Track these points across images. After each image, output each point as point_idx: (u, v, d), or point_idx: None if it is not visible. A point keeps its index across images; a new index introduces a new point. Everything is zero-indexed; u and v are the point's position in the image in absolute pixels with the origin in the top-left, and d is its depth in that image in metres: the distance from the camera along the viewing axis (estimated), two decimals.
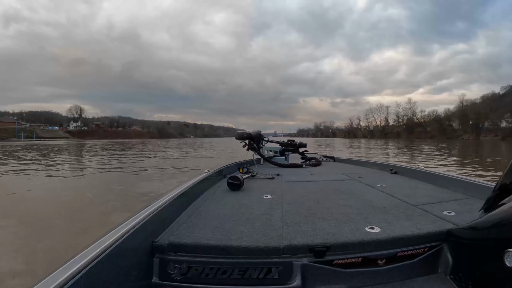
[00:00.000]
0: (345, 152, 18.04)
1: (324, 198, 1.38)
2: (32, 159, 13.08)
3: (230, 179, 1.59)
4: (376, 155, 15.28)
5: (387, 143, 37.81)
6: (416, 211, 1.13)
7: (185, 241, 0.85)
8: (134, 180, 6.89)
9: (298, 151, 3.34)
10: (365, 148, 24.69)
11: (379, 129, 77.85)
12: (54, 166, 10.14)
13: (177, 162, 11.52)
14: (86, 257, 0.61)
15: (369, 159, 3.17)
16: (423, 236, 0.89)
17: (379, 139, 60.34)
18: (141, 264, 0.79)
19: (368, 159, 3.14)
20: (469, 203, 1.21)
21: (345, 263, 0.82)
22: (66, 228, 3.13)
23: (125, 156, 14.47)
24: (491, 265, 0.69)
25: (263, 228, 0.95)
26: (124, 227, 0.77)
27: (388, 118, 79.51)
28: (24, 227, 3.19)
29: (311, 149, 3.95)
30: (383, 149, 22.55)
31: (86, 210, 3.99)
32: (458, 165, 10.14)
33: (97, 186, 6.09)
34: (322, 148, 18.01)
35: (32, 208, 4.12)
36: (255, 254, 0.82)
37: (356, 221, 1.02)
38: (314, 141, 40.92)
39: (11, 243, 2.75)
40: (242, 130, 3.00)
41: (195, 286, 0.79)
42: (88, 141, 53.26)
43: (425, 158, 13.02)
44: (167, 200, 1.06)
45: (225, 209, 1.21)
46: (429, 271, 0.85)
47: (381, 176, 2.03)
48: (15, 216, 3.65)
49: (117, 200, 4.57)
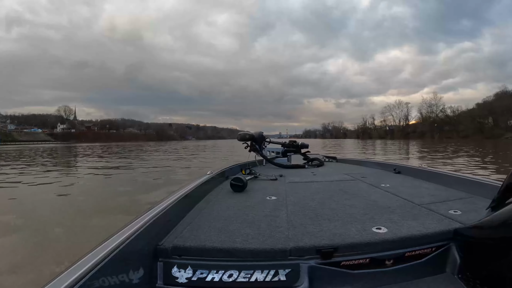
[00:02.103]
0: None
1: (329, 198, 1.37)
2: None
3: (233, 180, 1.57)
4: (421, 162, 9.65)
5: (414, 144, 30.08)
6: (422, 211, 1.11)
7: (189, 244, 0.84)
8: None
9: (300, 152, 3.25)
10: (397, 152, 18.07)
11: (400, 128, 68.42)
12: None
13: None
14: (89, 262, 0.60)
15: (372, 159, 3.17)
16: (430, 236, 0.87)
17: (401, 140, 51.69)
18: (145, 268, 0.77)
19: (371, 159, 3.13)
20: (475, 202, 1.19)
21: (352, 264, 0.81)
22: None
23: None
24: (499, 263, 0.69)
25: (269, 230, 0.94)
26: (127, 231, 0.77)
27: (408, 116, 70.60)
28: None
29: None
30: (419, 152, 17.17)
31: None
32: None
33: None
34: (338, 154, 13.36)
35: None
36: (261, 257, 0.80)
37: (362, 221, 1.01)
38: (322, 143, 34.06)
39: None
40: (244, 132, 2.90)
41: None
42: (70, 145, 47.53)
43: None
44: (170, 203, 1.05)
45: (229, 211, 1.20)
46: (436, 271, 0.84)
47: (384, 176, 2.02)
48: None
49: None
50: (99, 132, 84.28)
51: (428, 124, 57.28)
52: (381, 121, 78.48)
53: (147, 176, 7.47)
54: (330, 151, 15.75)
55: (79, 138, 71.94)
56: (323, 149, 16.91)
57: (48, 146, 44.10)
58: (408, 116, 70.33)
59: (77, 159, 15.68)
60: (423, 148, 21.39)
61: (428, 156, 13.46)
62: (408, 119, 70.25)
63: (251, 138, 2.75)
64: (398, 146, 25.97)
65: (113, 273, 0.64)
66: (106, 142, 65.19)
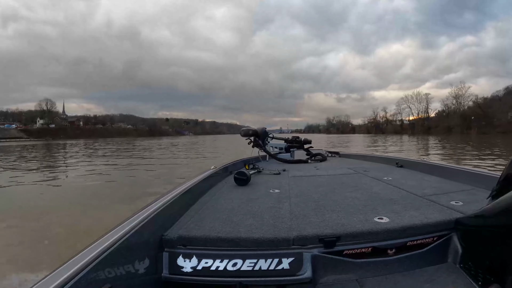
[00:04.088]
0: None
1: (331, 191, 1.37)
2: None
3: (237, 174, 1.58)
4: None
5: (450, 141, 22.77)
6: (423, 202, 1.11)
7: (194, 234, 0.85)
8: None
9: (303, 147, 3.27)
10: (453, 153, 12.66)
11: (421, 122, 59.60)
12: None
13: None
14: (94, 251, 0.60)
15: (374, 154, 3.30)
16: (432, 225, 0.88)
17: (424, 136, 43.89)
18: (150, 258, 0.77)
19: (374, 154, 3.25)
20: (476, 193, 1.19)
21: (355, 253, 0.82)
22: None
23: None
24: (501, 252, 0.68)
25: (272, 220, 0.95)
26: (132, 221, 0.76)
27: (428, 109, 62.39)
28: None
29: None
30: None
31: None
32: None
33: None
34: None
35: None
36: (265, 246, 0.81)
37: (364, 212, 1.01)
38: (327, 139, 28.48)
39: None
40: (247, 127, 2.90)
41: (205, 279, 0.78)
42: (39, 142, 40.50)
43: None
44: (174, 195, 1.05)
45: (233, 203, 1.20)
46: (438, 261, 0.84)
47: (387, 170, 2.01)
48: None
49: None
50: (82, 128, 74.95)
51: (458, 117, 48.89)
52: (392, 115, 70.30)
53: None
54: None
55: (57, 134, 62.47)
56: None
57: (5, 144, 36.50)
58: (428, 108, 62.26)
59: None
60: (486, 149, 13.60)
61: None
62: (428, 112, 62.23)
63: (255, 134, 2.75)
64: (440, 145, 18.66)
65: (118, 263, 0.63)
66: (89, 138, 58.26)
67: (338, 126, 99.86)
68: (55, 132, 65.27)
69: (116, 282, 0.61)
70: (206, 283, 0.78)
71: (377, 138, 39.62)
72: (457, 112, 50.87)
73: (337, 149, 3.56)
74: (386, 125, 71.85)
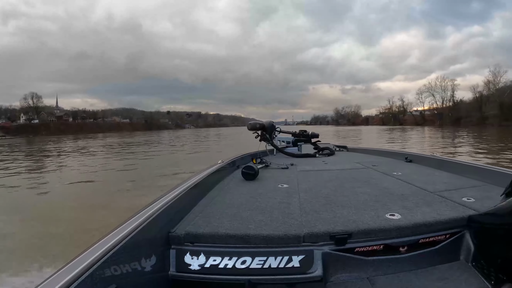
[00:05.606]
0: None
1: (341, 186, 1.35)
2: None
3: (245, 168, 1.57)
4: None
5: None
6: (435, 198, 1.09)
7: (202, 231, 0.83)
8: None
9: (310, 141, 3.26)
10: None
11: (450, 112, 51.43)
12: None
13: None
14: (101, 248, 0.59)
15: (383, 148, 3.21)
16: (444, 222, 0.86)
17: (455, 128, 36.32)
18: (157, 255, 0.76)
19: (382, 148, 3.13)
20: (488, 190, 1.16)
21: (366, 250, 0.81)
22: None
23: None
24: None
25: (282, 217, 0.93)
26: (139, 218, 0.75)
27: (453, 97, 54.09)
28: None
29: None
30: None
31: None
32: None
33: None
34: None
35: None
36: (275, 243, 0.80)
37: (375, 208, 0.99)
38: (336, 133, 25.90)
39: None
40: (254, 120, 2.91)
41: (213, 277, 0.76)
42: (13, 141, 36.19)
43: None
44: (181, 190, 1.03)
45: (241, 198, 1.18)
46: (450, 259, 0.83)
47: (396, 164, 1.99)
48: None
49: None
50: (68, 123, 68.47)
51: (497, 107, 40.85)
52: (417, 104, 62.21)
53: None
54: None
55: (39, 131, 56.67)
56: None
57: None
58: (453, 97, 53.99)
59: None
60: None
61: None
62: (453, 100, 53.98)
63: (262, 128, 2.74)
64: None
65: (125, 260, 0.62)
66: (75, 134, 53.05)
67: (348, 117, 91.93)
68: (37, 128, 58.96)
69: (122, 281, 0.60)
70: (215, 281, 0.76)
71: (397, 130, 33.81)
72: (495, 101, 42.55)
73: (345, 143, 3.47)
74: (404, 115, 63.92)
